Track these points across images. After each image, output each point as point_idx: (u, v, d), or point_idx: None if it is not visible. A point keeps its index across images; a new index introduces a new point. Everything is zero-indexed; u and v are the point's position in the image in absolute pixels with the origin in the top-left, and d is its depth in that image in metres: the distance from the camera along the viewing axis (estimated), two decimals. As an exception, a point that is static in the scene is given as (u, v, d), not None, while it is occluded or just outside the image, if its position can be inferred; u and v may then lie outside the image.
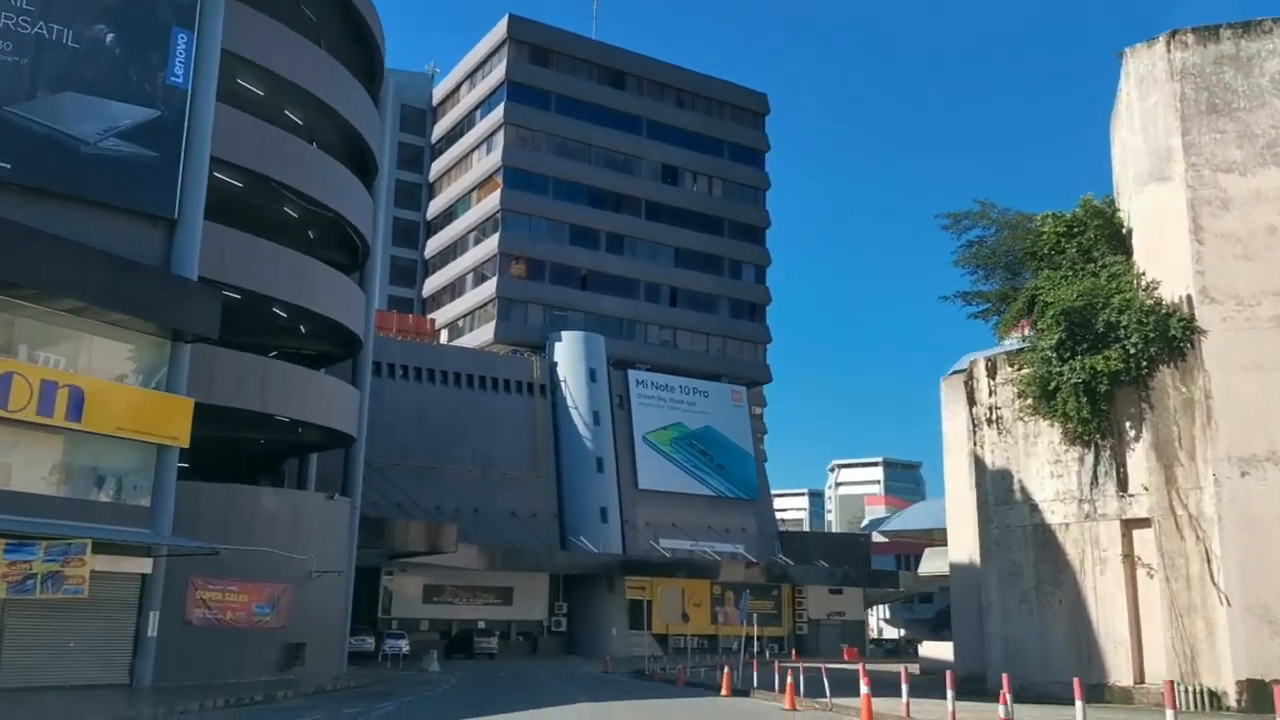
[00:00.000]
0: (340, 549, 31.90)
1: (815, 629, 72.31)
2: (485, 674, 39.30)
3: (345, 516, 32.79)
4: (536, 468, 66.14)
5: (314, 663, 29.40)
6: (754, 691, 27.37)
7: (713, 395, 75.32)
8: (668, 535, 68.77)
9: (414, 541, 43.74)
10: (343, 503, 32.67)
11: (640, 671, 40.89)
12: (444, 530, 44.80)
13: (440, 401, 64.37)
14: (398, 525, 43.91)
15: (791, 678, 23.20)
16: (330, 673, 30.53)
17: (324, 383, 31.00)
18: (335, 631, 31.84)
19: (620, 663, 47.43)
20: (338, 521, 32.03)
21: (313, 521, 30.11)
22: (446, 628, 59.85)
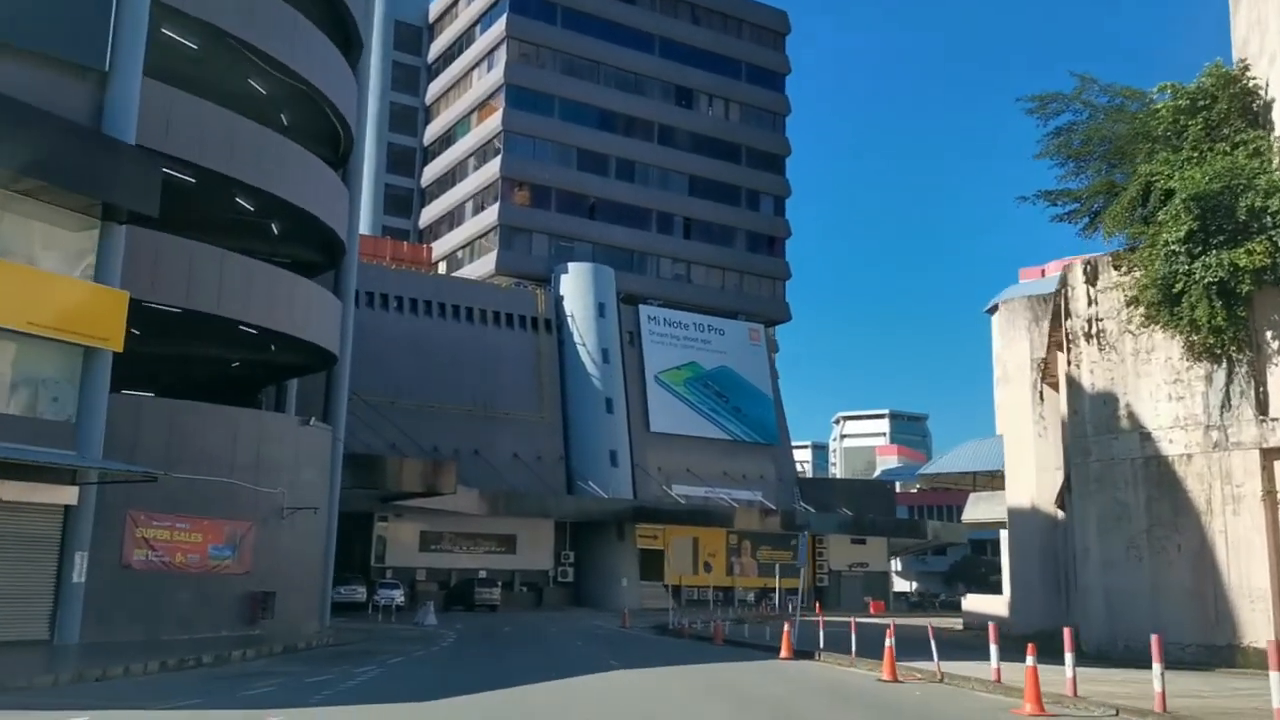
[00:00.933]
0: (319, 484, 27.28)
1: (836, 580, 68.19)
2: (487, 628, 34.94)
3: (325, 447, 28.14)
4: (541, 408, 61.56)
5: (287, 615, 24.92)
6: (820, 653, 22.82)
7: (729, 333, 70.56)
8: (681, 481, 64.39)
9: (409, 482, 39.21)
10: (322, 430, 27.99)
11: (663, 627, 36.54)
12: (443, 469, 40.27)
13: (438, 336, 59.64)
14: (391, 463, 39.39)
15: (890, 640, 18.39)
16: (307, 627, 26.07)
17: (298, 286, 26.14)
18: (313, 579, 27.33)
19: (635, 616, 43.13)
20: (316, 452, 27.38)
21: (284, 450, 25.44)
22: (445, 578, 55.62)
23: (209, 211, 25.04)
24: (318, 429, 27.41)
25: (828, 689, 16.72)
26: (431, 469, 40.08)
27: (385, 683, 15.78)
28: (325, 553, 28.59)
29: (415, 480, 39.16)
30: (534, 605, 57.64)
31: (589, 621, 42.24)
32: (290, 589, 25.19)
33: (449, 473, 40.04)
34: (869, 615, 61.01)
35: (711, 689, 16.41)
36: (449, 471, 40.07)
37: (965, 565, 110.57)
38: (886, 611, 63.30)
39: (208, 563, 22.83)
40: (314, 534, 26.94)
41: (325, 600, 28.84)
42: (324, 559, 28.42)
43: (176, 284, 22.04)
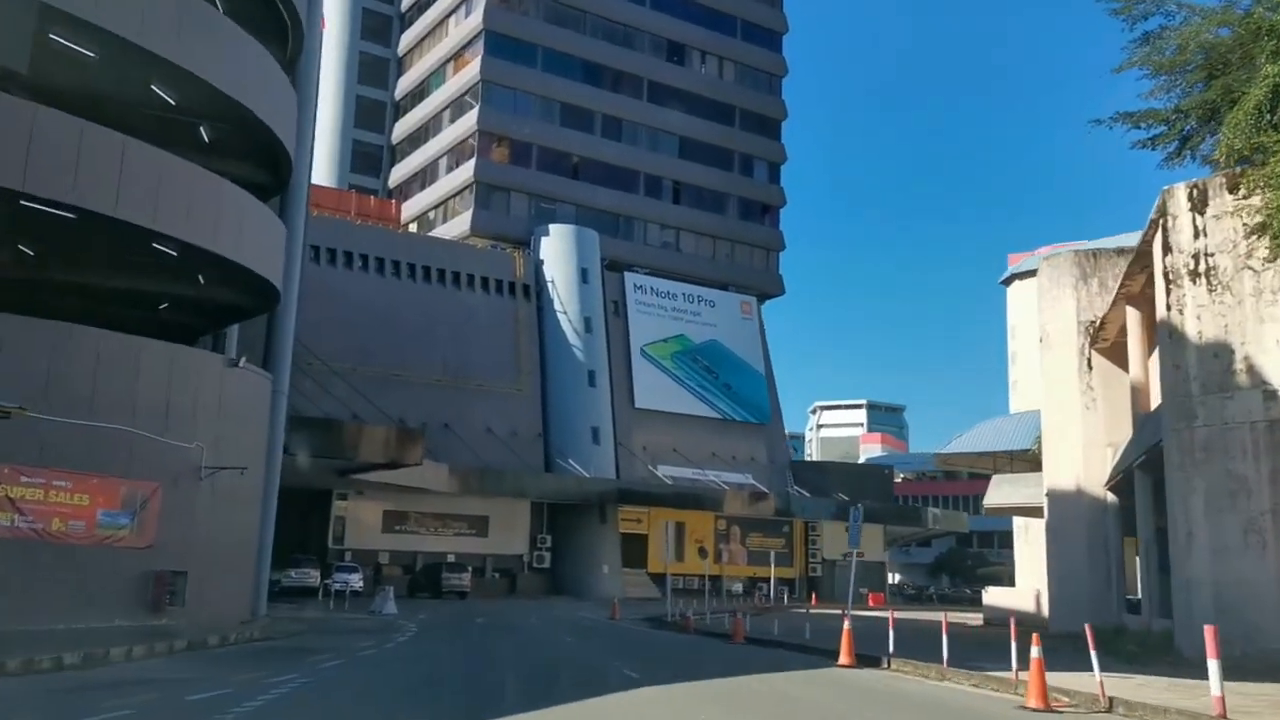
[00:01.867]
0: (252, 441, 22.42)
1: (830, 570, 63.91)
2: (456, 619, 30.24)
3: (261, 398, 23.27)
4: (518, 379, 56.76)
5: (206, 602, 20.10)
6: (890, 660, 18.16)
7: (720, 305, 65.99)
8: (667, 462, 59.85)
9: (370, 451, 34.41)
10: (257, 377, 23.11)
11: (659, 619, 31.99)
12: (409, 439, 35.49)
13: (407, 298, 54.71)
14: (350, 429, 34.55)
15: (1038, 652, 13.20)
16: (232, 617, 21.23)
17: (227, 193, 21.07)
18: (243, 559, 22.47)
19: (623, 606, 38.55)
20: (249, 402, 22.50)
21: (205, 395, 20.52)
22: (410, 561, 50.84)
23: (120, 102, 20.04)
24: (251, 374, 22.50)
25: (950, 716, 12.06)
26: (396, 438, 35.28)
27: (305, 703, 11.03)
28: (261, 527, 23.77)
29: (377, 449, 34.36)
30: (507, 592, 52.97)
31: (572, 612, 37.62)
32: (211, 569, 20.35)
33: (416, 443, 35.24)
34: (868, 608, 56.82)
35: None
36: (416, 441, 35.27)
37: (951, 557, 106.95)
38: (886, 605, 59.14)
39: (96, 532, 17.93)
40: (245, 503, 22.09)
41: (260, 584, 24.03)
42: (260, 534, 23.60)
43: (60, 174, 17.08)
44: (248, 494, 22.15)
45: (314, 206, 54.22)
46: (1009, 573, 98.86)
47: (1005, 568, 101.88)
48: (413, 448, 35.08)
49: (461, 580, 44.98)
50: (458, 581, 44.93)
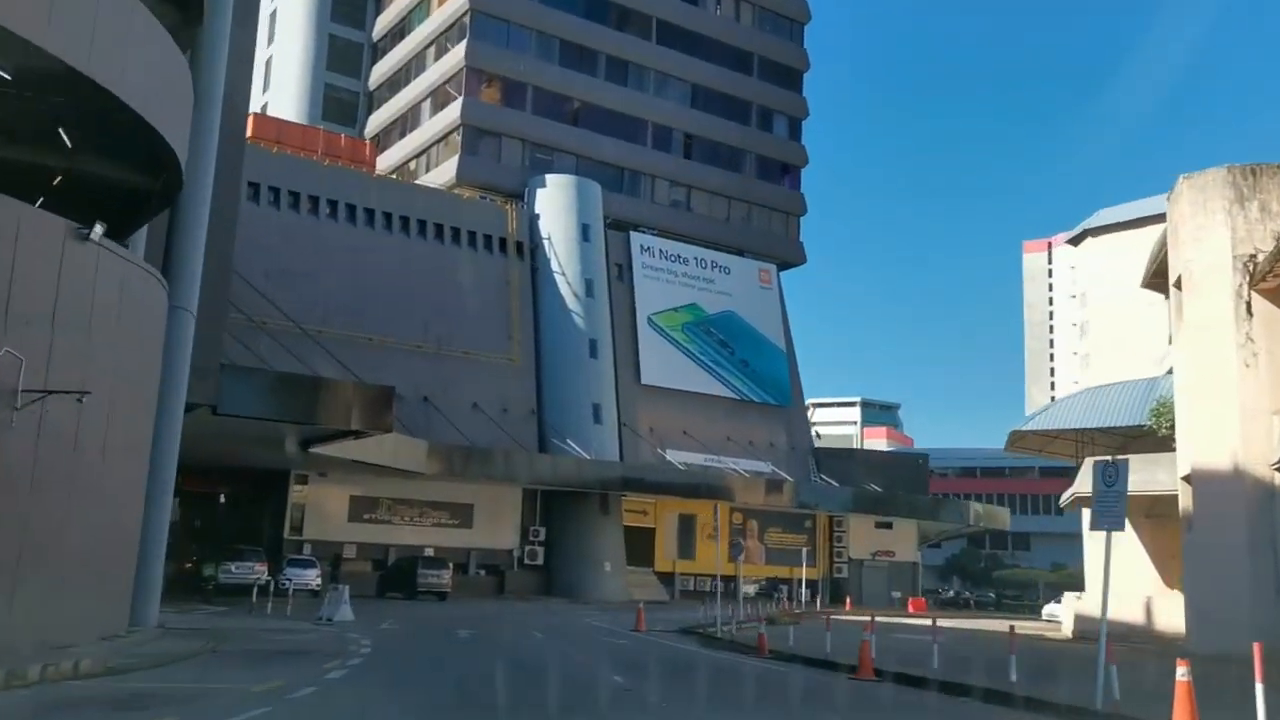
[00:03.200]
0: (128, 369, 15.05)
1: (857, 571, 56.87)
2: (431, 629, 23.01)
3: (152, 312, 15.92)
4: (510, 348, 49.51)
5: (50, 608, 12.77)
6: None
7: (736, 273, 58.86)
8: (677, 446, 52.72)
9: (331, 412, 27.01)
10: (143, 279, 15.74)
11: (694, 631, 24.79)
12: (379, 400, 28.12)
13: (382, 252, 47.40)
14: (304, 383, 27.13)
15: None
16: (101, 626, 13.95)
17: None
18: (115, 544, 15.08)
19: (629, 610, 31.38)
20: (126, 312, 15.11)
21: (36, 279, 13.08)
22: (381, 555, 43.58)
23: None
24: (127, 267, 15.09)
25: None
26: (362, 398, 27.85)
27: None
28: (150, 501, 16.42)
29: (338, 411, 26.97)
30: (494, 592, 45.73)
31: (577, 618, 30.42)
32: (48, 560, 13.01)
33: (386, 405, 27.89)
34: (907, 614, 49.84)
35: None
36: (386, 403, 27.91)
37: (963, 559, 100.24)
38: (929, 610, 52.22)
39: None
40: (115, 462, 14.73)
41: (148, 582, 16.72)
42: (147, 511, 16.24)
43: None
44: (120, 448, 14.79)
45: (274, 142, 47.02)
46: (1029, 577, 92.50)
47: (1026, 571, 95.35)
48: (383, 412, 27.75)
49: (440, 578, 37.71)
50: (436, 579, 37.65)
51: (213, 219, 20.09)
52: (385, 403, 28.08)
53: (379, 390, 28.66)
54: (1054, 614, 50.40)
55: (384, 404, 28.07)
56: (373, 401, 28.02)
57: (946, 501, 57.40)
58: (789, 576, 55.27)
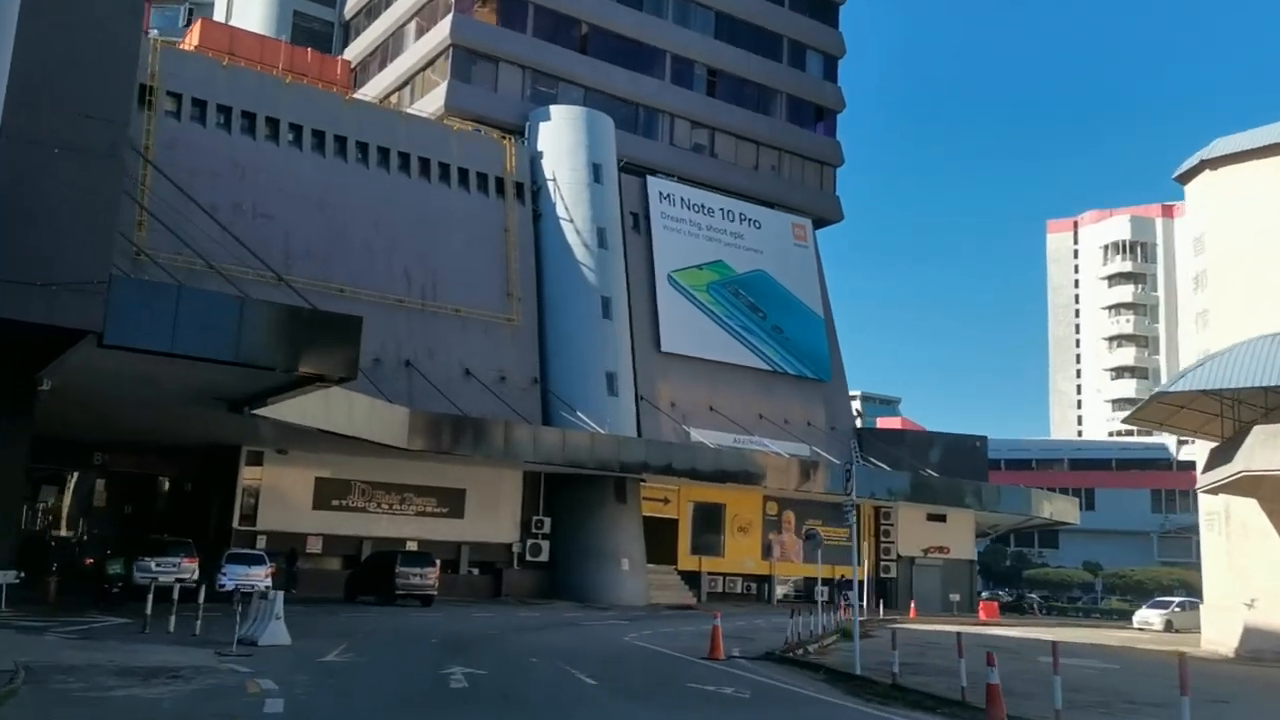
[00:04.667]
0: None
1: (907, 570, 49.26)
2: (405, 668, 15.19)
3: None
4: (509, 306, 41.82)
5: None
6: None
7: (767, 227, 51.27)
8: (703, 423, 45.14)
9: (267, 347, 19.01)
10: None
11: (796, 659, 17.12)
12: (336, 330, 20.21)
13: (356, 189, 39.66)
14: (226, 306, 19.14)
15: None
16: None
17: None
18: None
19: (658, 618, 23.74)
20: None
21: None
22: (353, 550, 35.89)
23: None
24: None
25: None
26: (312, 328, 19.92)
27: None
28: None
29: (276, 345, 19.03)
30: (490, 594, 38.10)
31: (608, 631, 22.74)
32: None
33: (345, 339, 20.02)
34: (980, 622, 42.31)
35: None
36: (346, 336, 20.04)
37: (989, 557, 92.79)
38: (1003, 618, 44.91)
39: None
40: None
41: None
42: None
43: None
44: None
45: (224, 53, 39.13)
46: (1062, 577, 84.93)
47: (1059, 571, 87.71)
48: (342, 349, 19.91)
49: (424, 578, 29.95)
50: (419, 580, 29.89)
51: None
52: (347, 336, 20.27)
53: (337, 319, 20.85)
54: (1148, 621, 43.10)
55: (344, 337, 20.27)
56: (328, 333, 20.20)
57: (1014, 491, 49.84)
58: (830, 576, 47.76)
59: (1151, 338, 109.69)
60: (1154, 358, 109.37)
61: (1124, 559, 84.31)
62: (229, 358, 18.88)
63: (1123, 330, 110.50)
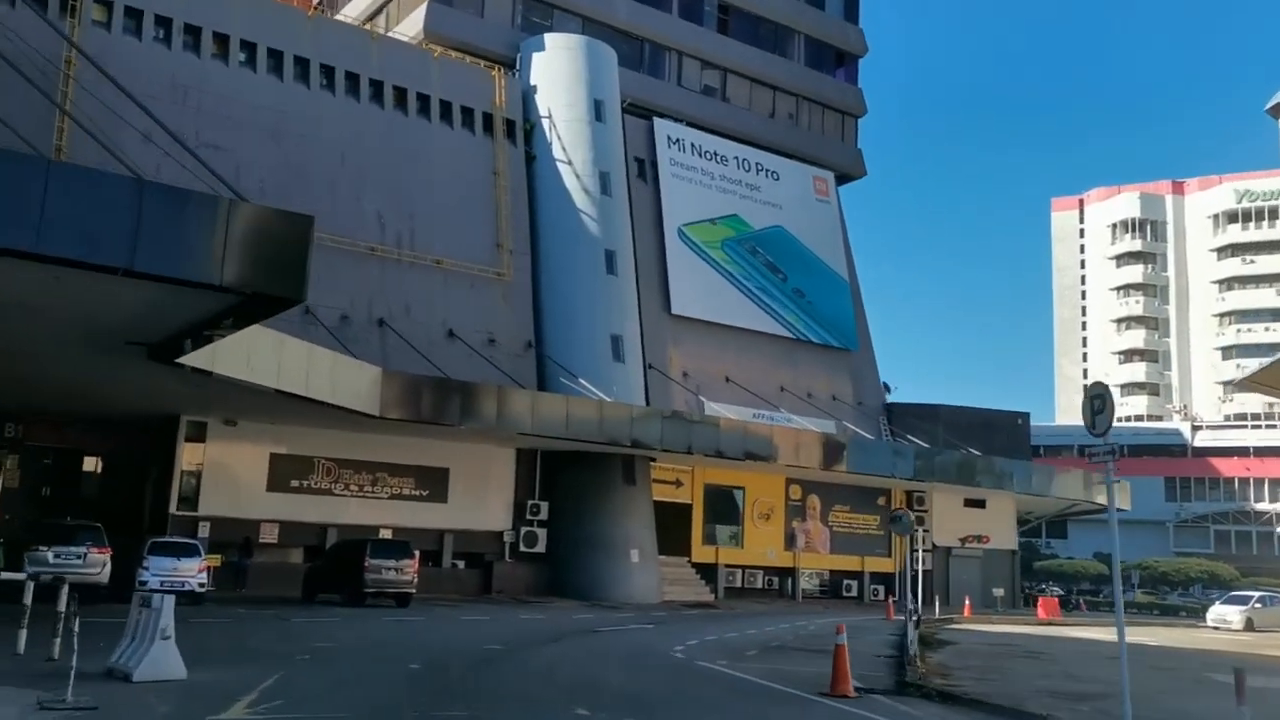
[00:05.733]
0: None
1: (943, 562, 44.04)
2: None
3: None
4: (499, 259, 36.23)
5: None
6: None
7: (786, 180, 45.87)
8: (719, 396, 39.72)
9: (182, 251, 13.38)
10: None
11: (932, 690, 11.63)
12: (275, 229, 14.55)
13: (321, 120, 33.98)
14: (121, 188, 13.47)
15: None
16: None
17: None
18: None
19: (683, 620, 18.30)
20: None
21: None
22: (316, 539, 30.23)
23: None
24: None
25: None
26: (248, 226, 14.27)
27: None
28: None
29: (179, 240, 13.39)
30: (478, 591, 32.63)
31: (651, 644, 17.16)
32: None
33: (293, 246, 14.41)
34: (1042, 622, 37.08)
35: None
36: (293, 242, 14.44)
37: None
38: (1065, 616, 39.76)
39: None
40: None
41: None
42: None
43: None
44: None
45: (165, -46, 33.28)
46: (1076, 569, 79.90)
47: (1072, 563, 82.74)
48: (288, 259, 14.32)
49: (400, 572, 24.37)
50: (394, 575, 24.30)
51: None
52: (292, 237, 14.66)
53: (277, 214, 15.12)
54: (1225, 618, 38.06)
55: (289, 241, 14.65)
56: (265, 233, 14.53)
57: (1067, 474, 44.62)
58: (859, 569, 42.56)
59: (1161, 319, 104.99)
60: (1164, 340, 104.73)
61: (1138, 550, 79.58)
62: (121, 263, 13.21)
63: (1131, 312, 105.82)
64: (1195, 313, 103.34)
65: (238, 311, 15.81)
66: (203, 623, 18.33)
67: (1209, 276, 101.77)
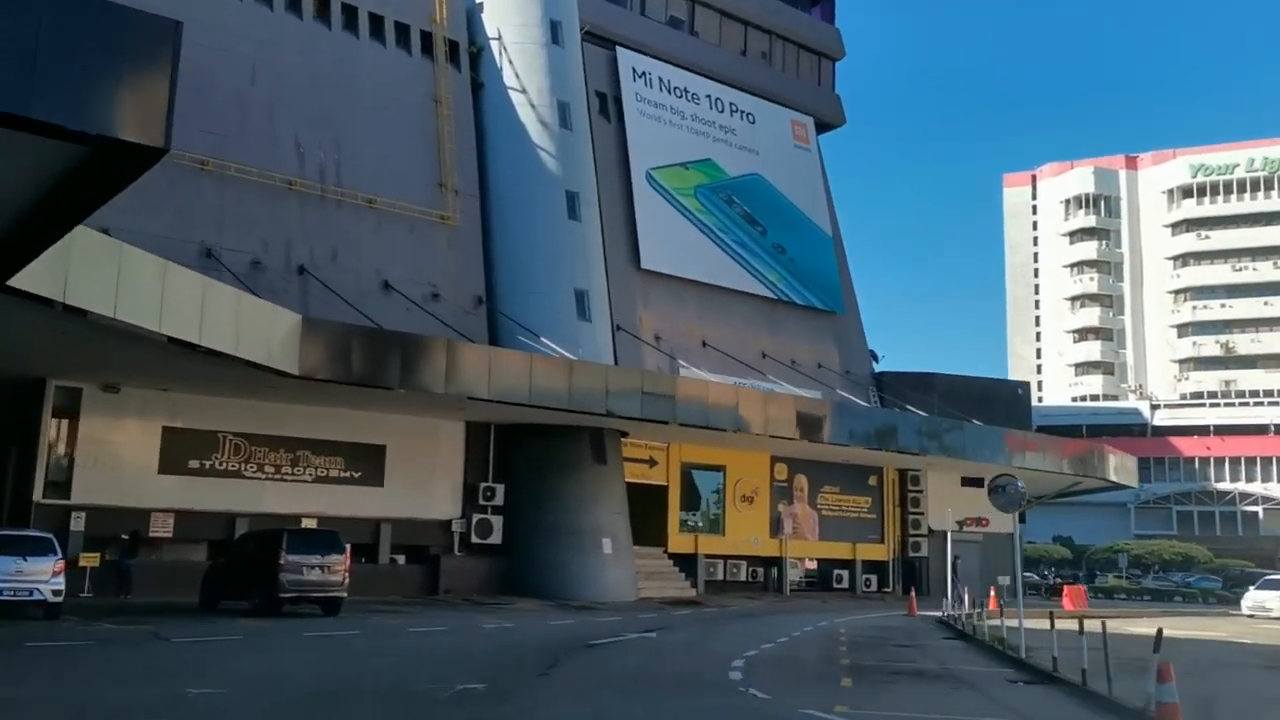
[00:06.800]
0: None
1: (939, 548, 39.61)
2: None
3: None
4: (442, 200, 30.68)
5: None
6: None
7: (762, 123, 41.00)
8: (696, 361, 34.64)
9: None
10: None
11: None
12: (135, 41, 9.12)
13: (226, 30, 27.98)
14: None
15: None
16: None
17: None
18: None
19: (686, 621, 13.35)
20: None
21: None
22: (223, 532, 24.51)
23: None
24: None
25: None
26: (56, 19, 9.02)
27: None
28: None
29: None
30: (423, 591, 27.24)
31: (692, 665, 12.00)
32: None
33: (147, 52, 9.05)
34: (1074, 613, 32.71)
35: None
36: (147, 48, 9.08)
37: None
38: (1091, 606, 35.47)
39: None
40: None
41: None
42: None
43: None
44: None
45: None
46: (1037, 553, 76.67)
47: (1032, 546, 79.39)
48: (133, 80, 9.02)
49: (327, 572, 18.86)
50: (318, 575, 18.81)
51: None
52: (146, 54, 9.23)
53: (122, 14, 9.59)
54: (1264, 605, 34.17)
55: (142, 58, 9.22)
56: (105, 47, 9.05)
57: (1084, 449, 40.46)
58: (851, 558, 37.96)
59: (1116, 297, 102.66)
60: (1119, 318, 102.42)
61: (1099, 533, 76.63)
62: None
63: (1086, 290, 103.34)
64: (1150, 290, 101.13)
65: (81, 185, 10.32)
66: (40, 647, 12.83)
67: (1164, 253, 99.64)
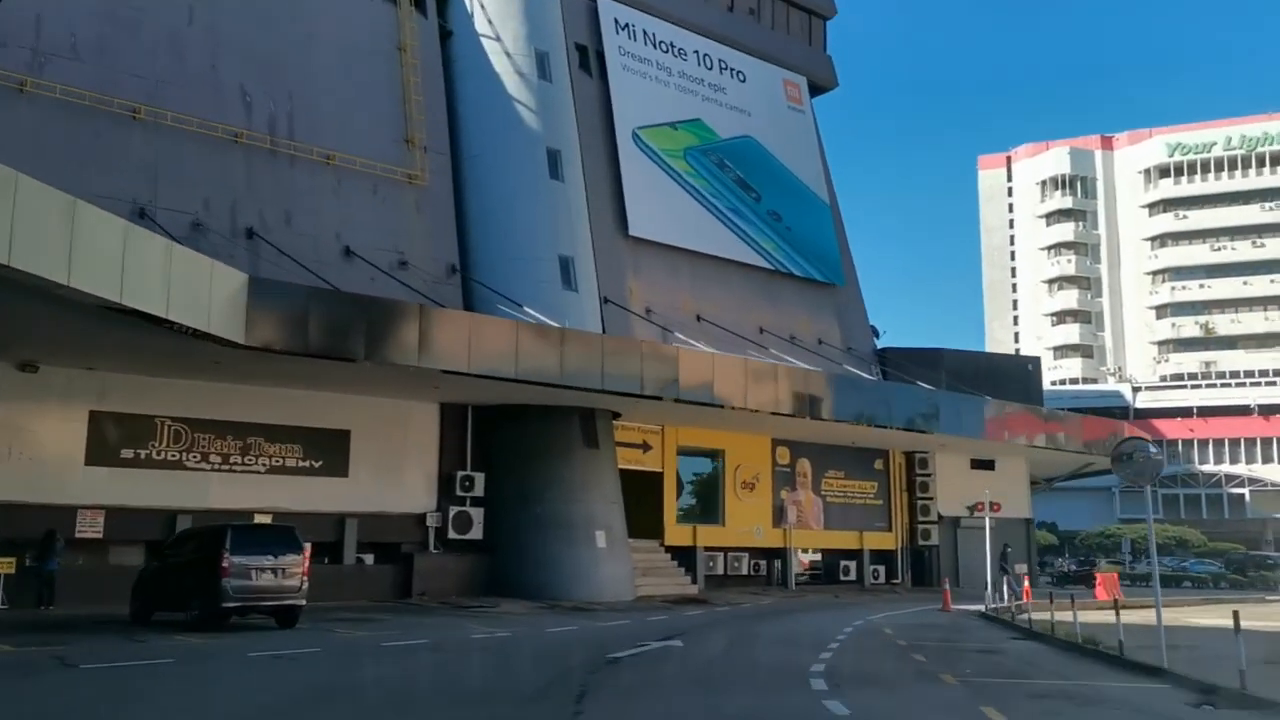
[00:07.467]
0: None
1: (950, 535, 37.03)
2: None
3: None
4: (410, 157, 27.42)
5: None
6: None
7: (753, 82, 38.08)
8: (688, 334, 31.59)
9: None
10: None
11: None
12: None
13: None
14: None
15: None
16: None
17: None
18: None
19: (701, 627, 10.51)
20: None
21: None
22: (161, 531, 21.14)
23: None
24: None
25: None
26: None
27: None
28: None
29: None
30: (395, 594, 24.06)
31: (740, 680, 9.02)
32: None
33: None
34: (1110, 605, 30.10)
35: None
36: None
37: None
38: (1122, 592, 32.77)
39: None
40: None
41: None
42: None
43: None
44: None
45: None
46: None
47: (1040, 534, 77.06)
48: None
49: (281, 575, 15.65)
50: (270, 579, 15.61)
51: None
52: None
53: None
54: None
55: None
56: None
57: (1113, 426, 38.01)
58: (858, 547, 35.20)
59: (1094, 279, 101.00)
60: (1097, 300, 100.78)
61: (1084, 518, 74.56)
62: None
63: (1063, 272, 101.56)
64: (1127, 271, 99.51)
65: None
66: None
67: (1142, 233, 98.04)
